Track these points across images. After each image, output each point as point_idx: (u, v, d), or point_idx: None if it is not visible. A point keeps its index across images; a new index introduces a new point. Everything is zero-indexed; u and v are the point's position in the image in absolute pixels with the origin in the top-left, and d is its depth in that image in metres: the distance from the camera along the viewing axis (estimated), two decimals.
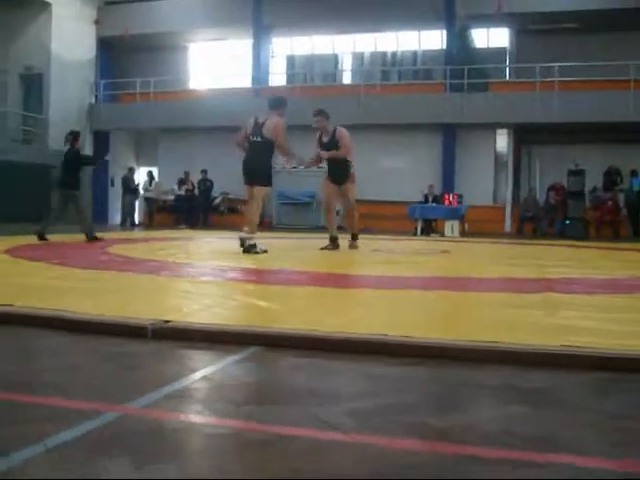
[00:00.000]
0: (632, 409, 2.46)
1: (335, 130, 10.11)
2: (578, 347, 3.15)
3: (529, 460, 1.91)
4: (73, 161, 11.53)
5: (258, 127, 9.30)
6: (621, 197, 20.29)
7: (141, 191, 23.84)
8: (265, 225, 22.88)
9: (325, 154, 10.01)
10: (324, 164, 10.47)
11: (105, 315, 3.80)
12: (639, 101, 19.83)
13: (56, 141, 24.28)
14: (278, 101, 9.67)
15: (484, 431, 2.16)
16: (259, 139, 9.23)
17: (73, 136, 11.72)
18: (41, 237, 11.07)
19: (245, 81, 25.68)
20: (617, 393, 2.67)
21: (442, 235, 18.34)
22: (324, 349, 3.25)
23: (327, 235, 10.29)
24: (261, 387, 2.70)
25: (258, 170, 9.28)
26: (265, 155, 9.28)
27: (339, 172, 10.15)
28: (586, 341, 3.27)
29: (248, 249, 8.92)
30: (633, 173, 19.77)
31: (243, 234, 9.14)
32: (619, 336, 3.43)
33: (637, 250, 12.23)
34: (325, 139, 10.14)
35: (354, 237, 10.46)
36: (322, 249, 9.83)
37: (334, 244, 10.06)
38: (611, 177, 20.40)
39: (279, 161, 11.16)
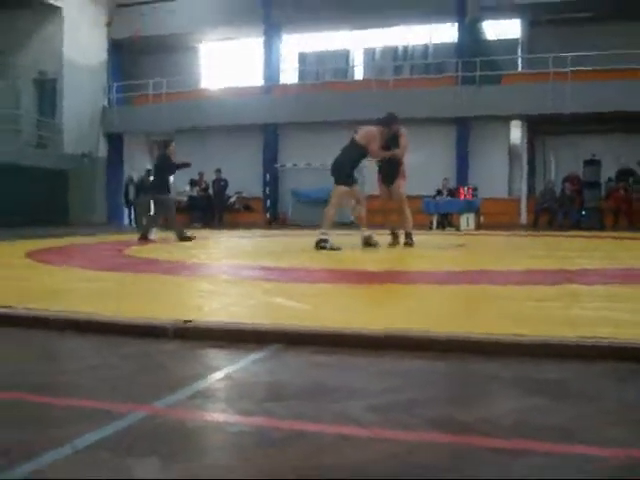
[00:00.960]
0: None
1: (399, 130, 10.17)
2: (597, 338, 3.16)
3: (551, 451, 1.93)
4: (163, 167, 12.28)
5: (352, 133, 9.74)
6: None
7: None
8: (280, 222, 22.96)
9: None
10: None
11: (127, 316, 3.83)
12: None
13: (70, 145, 24.49)
14: (387, 119, 9.95)
15: (506, 423, 2.17)
16: (348, 143, 9.63)
17: (164, 143, 12.49)
18: (144, 237, 12.01)
19: (257, 79, 25.71)
20: (636, 383, 2.68)
21: (458, 229, 18.30)
22: (344, 345, 3.27)
23: (344, 232, 10.27)
24: (282, 384, 2.72)
25: (338, 169, 9.55)
26: (347, 157, 9.52)
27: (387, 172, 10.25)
28: (605, 332, 3.27)
29: (319, 245, 9.11)
30: None
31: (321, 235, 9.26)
32: (636, 326, 3.43)
33: None
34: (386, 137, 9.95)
35: (407, 235, 10.14)
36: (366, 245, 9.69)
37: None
38: (625, 176, 20.28)
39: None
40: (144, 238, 11.92)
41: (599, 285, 5.25)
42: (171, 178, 12.87)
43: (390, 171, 10.19)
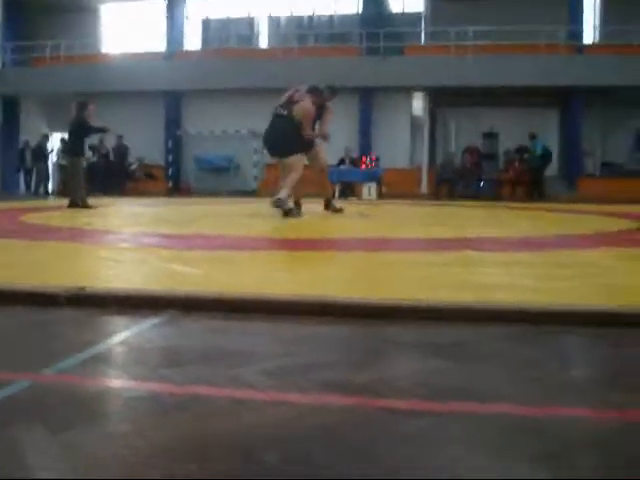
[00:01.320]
0: (542, 359, 2.54)
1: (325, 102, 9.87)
2: (492, 302, 3.23)
3: (445, 410, 1.95)
4: (76, 129, 11.86)
5: (290, 104, 9.44)
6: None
7: (54, 158, 23.11)
8: (183, 190, 22.62)
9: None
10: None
11: (17, 283, 3.68)
12: (550, 65, 20.24)
13: None
14: (322, 92, 9.70)
15: (403, 385, 2.19)
16: (285, 113, 9.39)
17: (79, 105, 12.02)
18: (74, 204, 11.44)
19: (159, 45, 25.11)
20: (529, 345, 2.75)
21: (360, 198, 18.45)
22: (240, 311, 3.23)
23: (245, 200, 10.19)
24: (178, 350, 2.67)
25: (282, 143, 9.35)
26: (289, 128, 9.32)
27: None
28: (500, 296, 3.37)
29: (283, 209, 8.97)
30: (532, 137, 20.17)
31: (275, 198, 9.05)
32: (531, 290, 3.53)
33: (545, 210, 12.61)
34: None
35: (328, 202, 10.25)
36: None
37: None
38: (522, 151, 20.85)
39: None
40: (80, 205, 11.34)
41: (496, 252, 5.39)
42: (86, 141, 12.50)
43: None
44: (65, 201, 12.03)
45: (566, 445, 1.69)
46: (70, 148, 12.34)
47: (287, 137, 9.32)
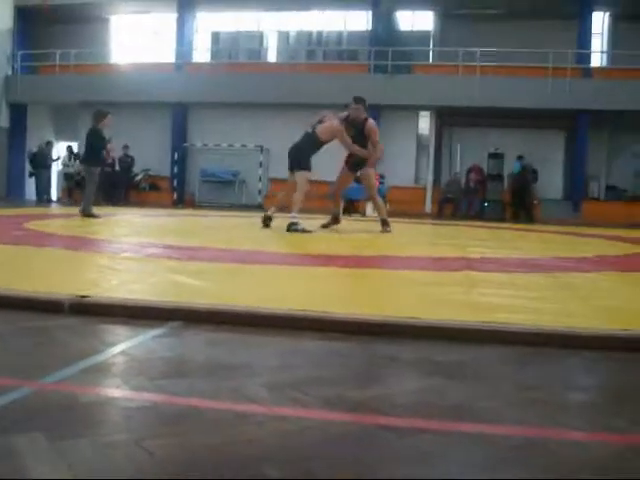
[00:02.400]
0: (542, 381, 2.53)
1: (365, 122, 10.07)
2: (494, 323, 3.23)
3: (443, 429, 1.95)
4: (90, 139, 11.94)
5: (318, 123, 9.91)
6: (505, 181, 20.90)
7: (59, 166, 23.19)
8: (188, 203, 22.64)
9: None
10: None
11: (20, 290, 3.69)
12: (557, 88, 20.31)
13: None
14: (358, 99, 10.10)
15: (402, 402, 2.19)
16: (310, 131, 9.80)
17: (95, 115, 12.10)
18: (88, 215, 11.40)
19: (168, 56, 25.22)
20: (529, 366, 2.75)
21: (363, 215, 18.46)
22: (243, 324, 3.24)
23: (250, 214, 10.24)
24: (179, 361, 2.67)
25: (299, 156, 9.67)
26: (308, 146, 9.71)
27: (358, 161, 10.23)
28: (501, 317, 3.36)
29: (290, 228, 9.13)
30: (519, 157, 20.27)
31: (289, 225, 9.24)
32: (533, 312, 3.53)
33: (548, 232, 12.62)
34: (352, 132, 9.96)
35: (383, 222, 10.29)
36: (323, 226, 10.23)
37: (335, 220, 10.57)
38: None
39: None
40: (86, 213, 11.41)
41: (497, 272, 5.38)
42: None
43: (359, 160, 10.19)
44: (69, 209, 12.07)
45: (564, 467, 1.69)
46: (84, 157, 12.51)
47: (305, 152, 9.65)
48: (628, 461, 1.75)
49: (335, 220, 10.58)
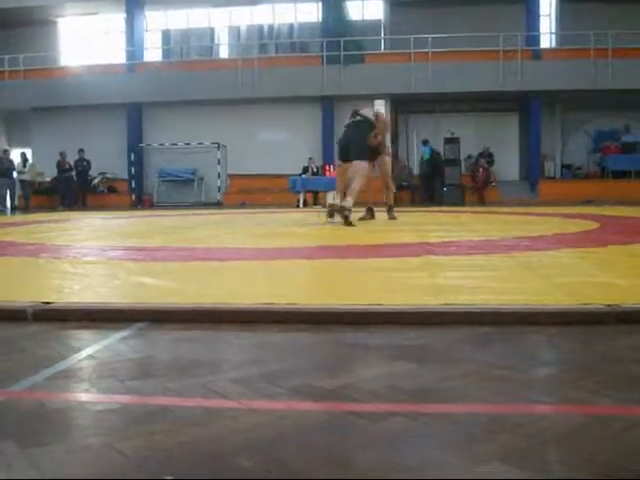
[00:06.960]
0: (506, 359, 2.59)
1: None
2: (457, 305, 3.28)
3: (413, 412, 1.99)
4: None
5: (355, 113, 10.16)
6: (415, 166, 21.28)
7: (14, 174, 22.84)
8: (146, 203, 22.49)
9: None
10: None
11: None
12: (509, 71, 20.54)
13: None
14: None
15: (370, 388, 2.22)
16: (357, 118, 10.00)
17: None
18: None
19: (119, 57, 24.98)
20: (493, 345, 2.80)
21: (324, 206, 18.46)
22: (209, 321, 3.26)
23: (207, 212, 10.21)
24: (147, 362, 2.67)
25: (357, 147, 9.81)
26: (362, 134, 9.82)
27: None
28: (464, 299, 3.42)
29: (342, 212, 9.35)
30: (424, 142, 20.57)
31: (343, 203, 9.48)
32: (494, 292, 3.59)
33: (506, 213, 12.80)
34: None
35: (389, 209, 11.09)
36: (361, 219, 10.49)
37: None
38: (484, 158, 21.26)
39: None
40: None
41: (457, 255, 5.46)
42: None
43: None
44: (26, 216, 11.91)
45: (531, 440, 1.74)
46: None
47: (362, 142, 9.79)
48: (589, 430, 1.80)
49: (370, 212, 11.07)
